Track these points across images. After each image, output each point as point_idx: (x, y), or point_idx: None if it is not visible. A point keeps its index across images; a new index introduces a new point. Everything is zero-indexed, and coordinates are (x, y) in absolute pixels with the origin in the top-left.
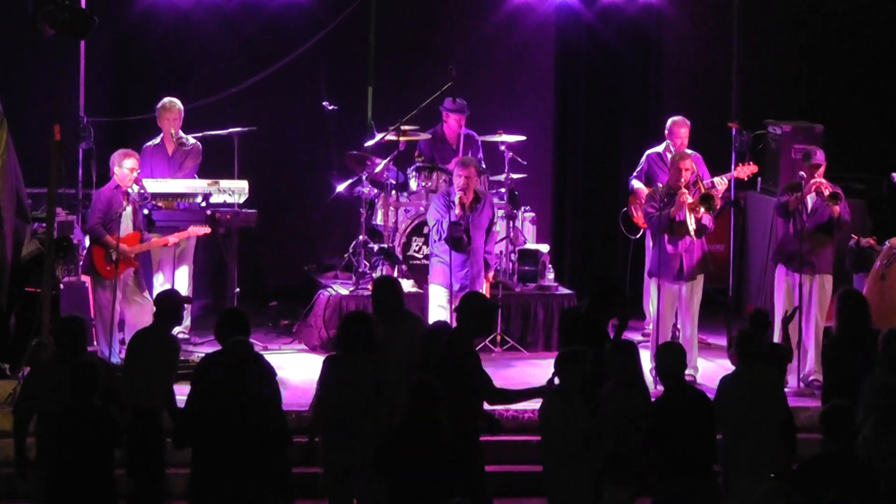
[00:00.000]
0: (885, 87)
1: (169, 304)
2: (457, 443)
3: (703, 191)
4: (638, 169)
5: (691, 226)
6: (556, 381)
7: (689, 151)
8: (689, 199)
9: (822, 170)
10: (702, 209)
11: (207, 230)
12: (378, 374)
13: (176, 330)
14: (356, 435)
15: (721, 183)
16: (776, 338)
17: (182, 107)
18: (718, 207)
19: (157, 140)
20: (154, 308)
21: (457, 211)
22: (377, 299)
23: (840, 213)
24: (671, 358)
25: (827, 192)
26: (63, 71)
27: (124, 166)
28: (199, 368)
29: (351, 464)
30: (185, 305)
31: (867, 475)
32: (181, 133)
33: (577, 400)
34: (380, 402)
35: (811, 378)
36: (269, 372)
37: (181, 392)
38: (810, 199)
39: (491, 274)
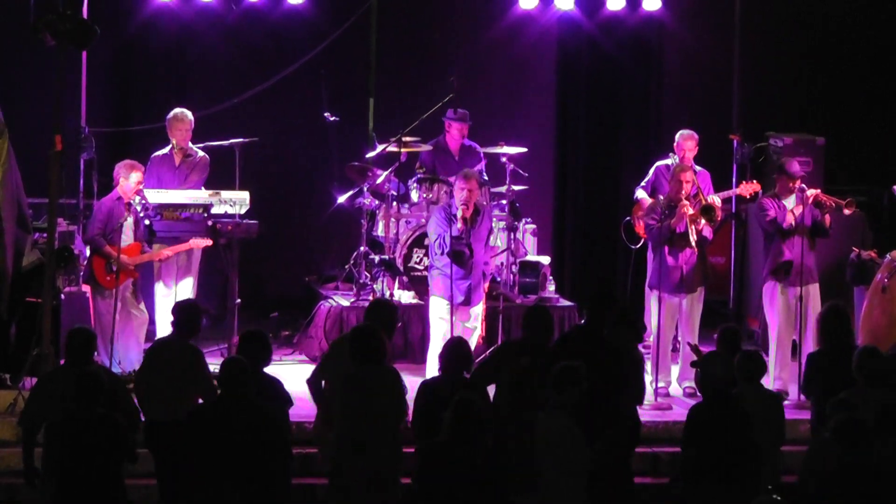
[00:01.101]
0: (887, 101)
1: (187, 314)
2: (497, 460)
3: (703, 203)
4: (646, 179)
5: (692, 237)
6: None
7: (697, 168)
8: (691, 211)
9: (799, 181)
10: (703, 221)
11: (209, 242)
12: (394, 384)
13: None
14: (374, 447)
15: (713, 201)
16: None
17: (192, 118)
18: (719, 219)
19: (166, 150)
20: (147, 320)
21: (459, 225)
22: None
23: (830, 223)
24: (718, 367)
25: (832, 202)
26: (64, 81)
27: (131, 179)
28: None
29: (368, 476)
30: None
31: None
32: (190, 145)
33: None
34: (398, 413)
35: None
36: (280, 397)
37: None
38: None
39: (486, 285)
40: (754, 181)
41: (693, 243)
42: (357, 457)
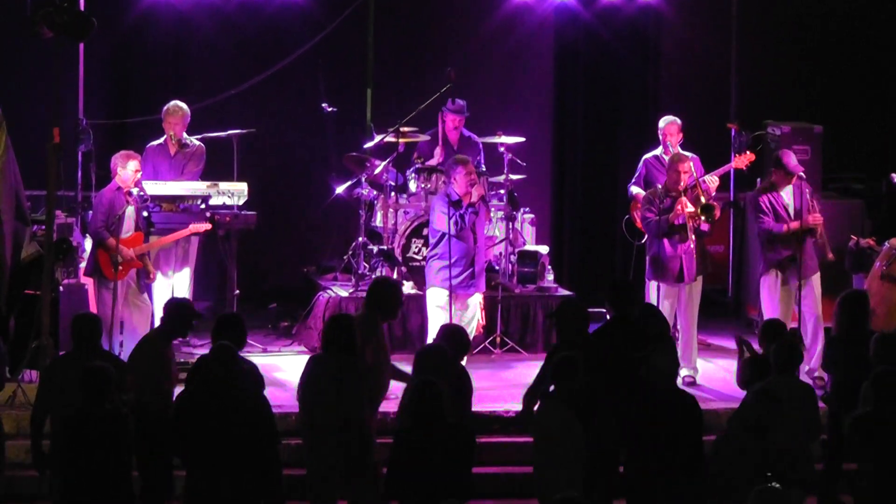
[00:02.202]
0: (885, 88)
1: (177, 314)
2: (467, 441)
3: (703, 201)
4: (636, 175)
5: (690, 234)
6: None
7: (687, 154)
8: (690, 209)
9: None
10: (702, 218)
11: (208, 227)
12: (359, 375)
13: None
14: (339, 435)
15: (711, 181)
16: None
17: (187, 110)
18: (718, 217)
19: (160, 140)
20: (152, 311)
21: (474, 197)
22: (375, 299)
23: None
24: (660, 360)
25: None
26: (62, 73)
27: (128, 168)
28: (190, 372)
29: (333, 464)
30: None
31: None
32: (184, 135)
33: (573, 405)
34: (363, 403)
35: (815, 375)
36: (257, 380)
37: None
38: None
39: None
40: (748, 152)
41: (691, 238)
42: (316, 443)
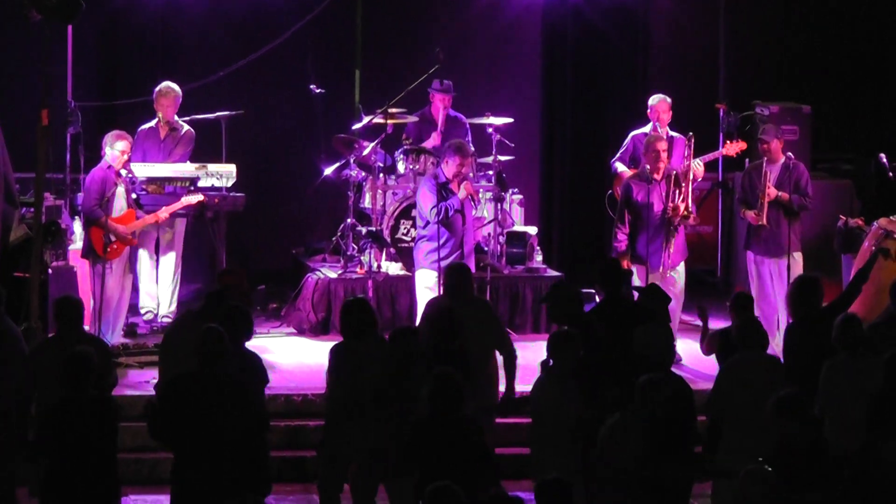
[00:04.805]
0: (874, 68)
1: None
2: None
3: (681, 212)
4: (622, 150)
5: (671, 235)
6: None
7: (675, 134)
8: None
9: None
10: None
11: (200, 198)
12: (385, 356)
13: (162, 313)
14: (364, 420)
15: (697, 166)
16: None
17: (179, 92)
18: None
19: (152, 123)
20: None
21: (462, 194)
22: (449, 283)
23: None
24: (658, 341)
25: None
26: (50, 55)
27: (116, 148)
28: (162, 352)
29: (356, 448)
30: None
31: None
32: (175, 118)
33: (570, 383)
34: (392, 385)
35: None
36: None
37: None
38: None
39: None
40: (739, 140)
41: (672, 237)
42: (340, 427)
